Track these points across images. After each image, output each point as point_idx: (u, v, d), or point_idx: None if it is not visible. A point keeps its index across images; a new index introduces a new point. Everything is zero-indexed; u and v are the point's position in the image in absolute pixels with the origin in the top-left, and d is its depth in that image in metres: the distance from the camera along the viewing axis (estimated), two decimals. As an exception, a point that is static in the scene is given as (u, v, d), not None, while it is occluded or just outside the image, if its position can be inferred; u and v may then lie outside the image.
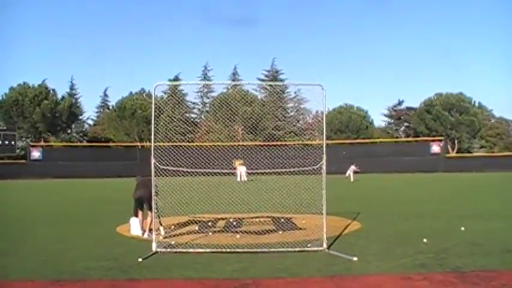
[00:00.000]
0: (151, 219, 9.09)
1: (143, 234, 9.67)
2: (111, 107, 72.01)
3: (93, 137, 69.03)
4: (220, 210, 13.83)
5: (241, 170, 35.35)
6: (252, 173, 37.87)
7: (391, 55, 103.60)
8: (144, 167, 9.94)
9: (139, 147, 60.08)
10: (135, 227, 9.96)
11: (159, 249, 8.04)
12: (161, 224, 9.87)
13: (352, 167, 36.68)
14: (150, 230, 9.14)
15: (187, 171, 10.12)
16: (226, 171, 11.72)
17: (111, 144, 62.38)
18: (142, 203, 9.85)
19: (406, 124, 75.15)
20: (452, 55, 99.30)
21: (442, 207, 14.54)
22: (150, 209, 8.98)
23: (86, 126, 76.21)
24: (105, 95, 78.86)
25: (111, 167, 50.54)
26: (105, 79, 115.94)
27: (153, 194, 8.48)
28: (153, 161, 8.21)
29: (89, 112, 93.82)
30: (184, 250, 8.08)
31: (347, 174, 36.17)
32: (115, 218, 12.42)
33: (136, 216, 10.00)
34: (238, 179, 36.25)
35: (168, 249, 8.15)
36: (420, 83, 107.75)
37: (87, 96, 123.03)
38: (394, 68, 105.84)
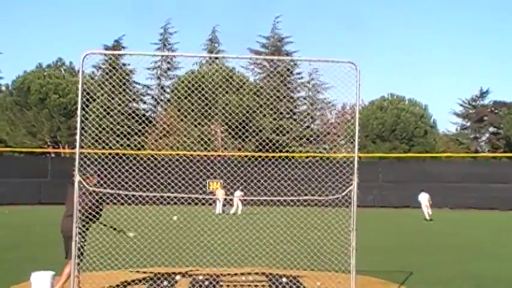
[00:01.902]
0: (69, 273, 9.02)
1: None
2: (3, 88, 71.26)
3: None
4: (185, 262, 13.75)
5: (219, 196, 35.46)
6: (239, 200, 38.02)
7: (464, 19, 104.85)
8: (60, 189, 9.88)
9: (52, 155, 59.71)
10: (39, 286, 9.84)
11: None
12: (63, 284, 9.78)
13: (425, 196, 36.54)
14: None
15: (132, 196, 10.07)
16: (196, 196, 11.68)
17: (3, 149, 61.75)
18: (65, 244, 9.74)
19: (492, 130, 75.37)
20: None
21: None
22: (68, 255, 8.94)
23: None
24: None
25: (1, 187, 49.50)
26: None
27: (74, 230, 8.40)
28: (77, 178, 8.16)
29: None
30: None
31: (424, 209, 35.96)
32: (11, 272, 12.29)
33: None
34: (218, 210, 36.28)
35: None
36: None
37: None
38: (471, 39, 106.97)
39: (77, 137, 8.04)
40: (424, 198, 36.42)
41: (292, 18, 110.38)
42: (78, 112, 8.05)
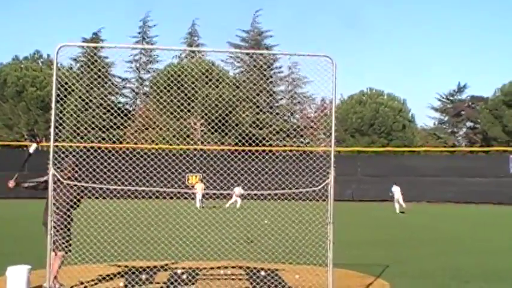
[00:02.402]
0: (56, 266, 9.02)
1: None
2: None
3: None
4: (162, 256, 13.72)
5: (198, 190, 35.44)
6: (215, 194, 37.98)
7: (442, 14, 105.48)
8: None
9: (28, 149, 59.17)
10: (15, 282, 9.75)
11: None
12: (56, 278, 9.72)
13: (397, 189, 36.62)
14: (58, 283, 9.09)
15: (109, 190, 10.02)
16: (173, 190, 11.64)
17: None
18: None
19: (469, 124, 75.96)
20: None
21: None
22: (60, 246, 8.96)
23: None
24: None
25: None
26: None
27: (49, 223, 8.34)
28: (51, 170, 8.09)
29: None
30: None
31: (396, 202, 36.15)
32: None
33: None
34: (198, 204, 36.22)
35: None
36: (494, 60, 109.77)
37: None
38: (449, 34, 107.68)
39: (51, 130, 7.98)
40: (397, 191, 36.62)
41: (272, 11, 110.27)
42: (53, 105, 7.99)
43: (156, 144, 49.46)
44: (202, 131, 57.98)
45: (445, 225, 27.39)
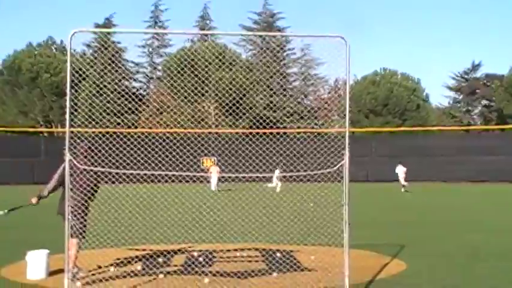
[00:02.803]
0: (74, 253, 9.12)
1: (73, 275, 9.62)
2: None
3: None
4: (179, 239, 13.80)
5: (213, 173, 35.55)
6: (231, 177, 38.05)
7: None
8: (52, 167, 9.86)
9: (44, 134, 59.52)
10: (35, 266, 9.87)
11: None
12: (75, 264, 9.81)
13: (402, 168, 36.83)
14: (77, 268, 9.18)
15: (125, 175, 10.05)
16: (189, 173, 11.65)
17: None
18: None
19: (484, 102, 75.42)
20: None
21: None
22: (75, 233, 9.01)
23: None
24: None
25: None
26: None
27: (67, 209, 8.37)
28: (67, 156, 8.12)
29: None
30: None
31: (402, 180, 36.42)
32: (6, 252, 12.30)
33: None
34: (213, 187, 36.33)
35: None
36: (509, 38, 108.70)
37: None
38: (463, 12, 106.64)
39: (67, 116, 8.00)
40: (400, 170, 36.82)
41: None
42: (68, 91, 8.00)
43: (171, 128, 49.54)
44: (216, 114, 57.99)
45: (461, 204, 27.31)
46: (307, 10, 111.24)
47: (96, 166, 9.55)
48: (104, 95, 41.77)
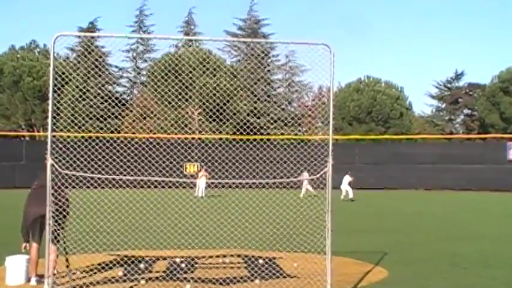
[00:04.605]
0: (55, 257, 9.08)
1: (31, 280, 9.55)
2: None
3: None
4: (161, 245, 13.75)
5: (202, 179, 35.38)
6: (214, 183, 37.99)
7: (439, 1, 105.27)
8: (34, 172, 9.79)
9: (26, 138, 59.18)
10: (14, 271, 9.79)
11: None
12: (68, 267, 9.81)
13: (347, 178, 35.58)
14: (41, 276, 9.05)
15: (107, 180, 10.01)
16: (175, 179, 11.65)
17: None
18: (41, 228, 9.63)
19: (467, 111, 76.01)
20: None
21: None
22: (55, 238, 8.94)
23: None
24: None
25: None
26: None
27: (48, 214, 8.32)
28: (49, 160, 8.08)
29: None
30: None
31: (343, 191, 35.14)
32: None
33: (27, 248, 9.84)
34: (201, 193, 36.13)
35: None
36: (491, 47, 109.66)
37: None
38: (447, 21, 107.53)
39: (49, 120, 7.96)
40: (345, 179, 35.55)
41: (272, 2, 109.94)
42: (50, 95, 7.96)
43: (154, 133, 49.47)
44: (199, 120, 57.95)
45: (443, 212, 27.45)
46: (292, 17, 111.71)
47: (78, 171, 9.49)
48: (87, 100, 41.69)
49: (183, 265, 11.46)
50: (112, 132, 44.49)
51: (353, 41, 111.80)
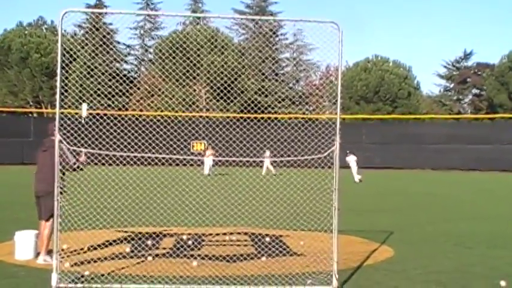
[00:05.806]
0: (50, 233, 9.04)
1: (38, 258, 9.58)
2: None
3: None
4: (168, 222, 13.81)
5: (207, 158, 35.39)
6: (221, 161, 38.07)
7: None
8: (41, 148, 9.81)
9: (34, 114, 59.24)
10: (23, 246, 9.85)
11: (61, 285, 7.97)
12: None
13: (353, 157, 34.42)
14: (50, 251, 9.05)
15: (115, 157, 10.03)
16: (183, 157, 11.67)
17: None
18: (39, 205, 9.73)
19: (475, 91, 75.59)
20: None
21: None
22: (51, 216, 8.89)
23: None
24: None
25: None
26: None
27: (56, 190, 8.34)
28: (57, 137, 8.08)
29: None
30: (104, 286, 8.04)
31: (355, 173, 34.43)
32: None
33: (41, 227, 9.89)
34: (207, 171, 36.17)
35: (79, 285, 8.11)
36: (501, 27, 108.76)
37: None
38: (456, 0, 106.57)
39: (57, 97, 7.95)
40: (352, 160, 34.63)
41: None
42: (58, 71, 7.94)
43: (161, 111, 49.45)
44: (207, 98, 57.90)
45: (449, 192, 27.41)
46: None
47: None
48: (95, 77, 41.64)
49: (190, 242, 11.50)
50: (119, 109, 44.45)
51: (362, 19, 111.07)
